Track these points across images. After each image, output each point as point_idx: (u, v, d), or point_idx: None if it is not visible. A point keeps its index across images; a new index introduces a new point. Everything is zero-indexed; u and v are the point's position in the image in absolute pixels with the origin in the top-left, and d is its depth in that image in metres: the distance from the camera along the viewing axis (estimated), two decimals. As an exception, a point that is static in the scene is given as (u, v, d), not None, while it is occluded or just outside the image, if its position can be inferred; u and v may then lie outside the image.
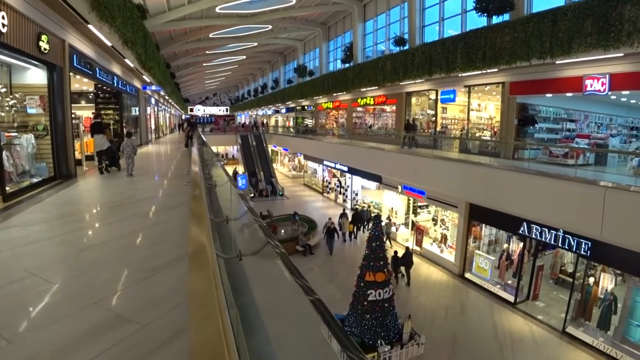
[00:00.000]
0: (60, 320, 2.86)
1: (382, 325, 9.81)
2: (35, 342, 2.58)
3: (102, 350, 2.42)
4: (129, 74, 17.26)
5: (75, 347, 2.54)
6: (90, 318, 2.87)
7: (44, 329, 2.74)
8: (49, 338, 2.63)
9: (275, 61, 47.39)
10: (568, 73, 11.78)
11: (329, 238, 17.00)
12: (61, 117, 8.92)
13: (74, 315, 2.91)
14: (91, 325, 2.78)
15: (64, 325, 2.79)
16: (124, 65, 15.27)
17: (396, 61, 19.23)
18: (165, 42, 28.51)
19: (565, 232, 10.44)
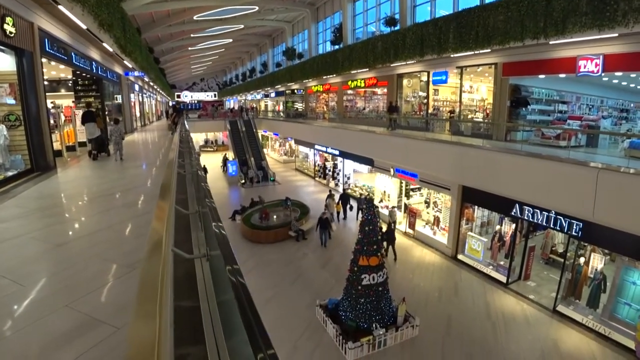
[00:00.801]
0: (28, 326, 2.65)
1: (376, 309, 9.83)
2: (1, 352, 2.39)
3: (73, 358, 2.25)
4: (109, 59, 16.59)
5: (43, 355, 2.37)
6: (60, 323, 2.67)
7: (9, 337, 2.53)
8: (16, 347, 2.44)
9: (263, 44, 46.38)
10: (562, 54, 11.60)
11: (322, 229, 16.05)
12: (35, 106, 8.43)
13: (43, 321, 2.70)
14: (61, 331, 2.59)
15: (31, 332, 2.58)
16: (102, 50, 14.63)
17: (387, 42, 18.82)
18: (147, 25, 27.55)
19: (557, 214, 10.46)
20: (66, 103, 13.07)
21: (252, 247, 16.25)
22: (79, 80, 14.67)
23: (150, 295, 1.17)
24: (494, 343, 9.64)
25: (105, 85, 16.22)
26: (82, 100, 14.32)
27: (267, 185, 27.46)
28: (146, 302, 1.15)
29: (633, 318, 9.37)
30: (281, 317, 10.85)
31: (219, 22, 32.85)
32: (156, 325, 1.00)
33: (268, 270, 14.03)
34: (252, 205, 19.78)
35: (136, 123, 24.31)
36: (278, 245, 16.31)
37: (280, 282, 13.03)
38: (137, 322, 1.07)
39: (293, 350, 9.39)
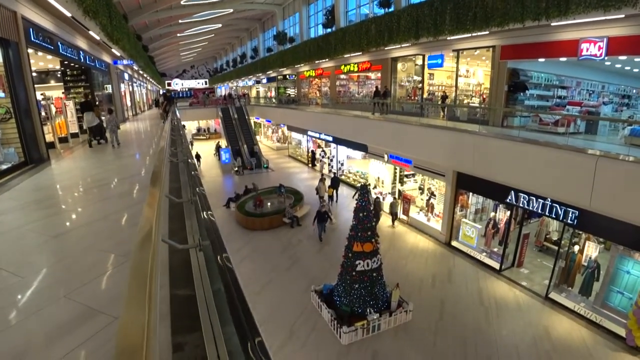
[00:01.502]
0: (28, 317, 2.67)
1: (370, 294, 9.96)
2: (1, 343, 2.39)
3: (72, 348, 2.25)
4: (96, 48, 16.16)
5: (43, 345, 2.38)
6: (59, 314, 2.69)
7: (9, 329, 2.54)
8: (16, 338, 2.45)
9: (254, 28, 45.48)
10: (563, 36, 11.31)
11: (319, 223, 15.34)
12: (24, 97, 8.25)
13: (42, 312, 2.72)
14: (61, 321, 2.60)
15: (31, 323, 2.60)
16: (89, 38, 14.22)
17: (381, 24, 18.45)
18: (133, 12, 26.75)
19: (553, 201, 10.46)
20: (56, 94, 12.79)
21: (247, 234, 16.29)
22: (68, 71, 14.34)
23: (141, 285, 1.16)
24: (486, 328, 9.81)
25: (95, 75, 15.85)
26: (72, 91, 14.08)
27: (260, 172, 27.35)
28: (136, 293, 1.14)
29: (625, 306, 9.51)
30: (277, 302, 11.02)
31: (207, 6, 32.04)
32: (145, 316, 0.99)
33: (263, 257, 14.11)
34: (246, 193, 19.75)
35: (127, 113, 23.89)
36: (273, 232, 16.37)
37: (276, 268, 13.13)
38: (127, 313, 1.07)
39: (289, 335, 9.57)
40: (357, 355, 8.86)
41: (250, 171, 27.28)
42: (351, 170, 24.64)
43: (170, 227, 3.90)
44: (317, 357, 8.84)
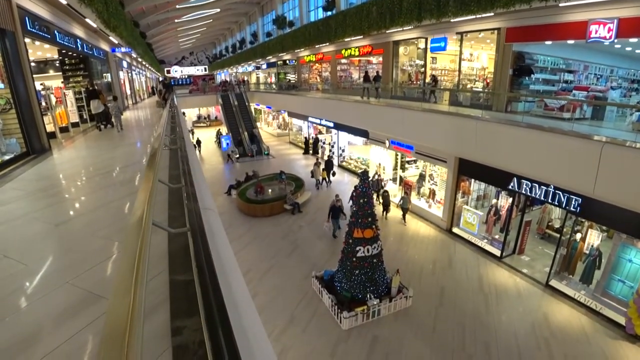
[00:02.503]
0: (32, 303, 2.73)
1: (371, 280, 10.06)
2: (8, 328, 2.44)
3: (77, 331, 2.30)
4: (93, 36, 15.96)
5: (48, 330, 2.42)
6: (63, 299, 2.74)
7: (16, 313, 2.61)
8: (23, 322, 2.51)
9: (252, 13, 44.75)
10: (571, 17, 10.89)
11: (334, 219, 14.51)
12: (23, 88, 8.18)
13: (47, 298, 2.78)
14: (65, 306, 2.65)
15: (36, 308, 2.66)
16: (86, 26, 14.03)
17: (382, 7, 18.00)
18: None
19: (556, 188, 10.38)
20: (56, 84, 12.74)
21: (248, 220, 16.40)
22: (66, 60, 14.22)
23: (129, 269, 1.19)
24: (485, 314, 9.91)
25: (93, 64, 15.71)
26: (72, 80, 14.03)
27: (261, 159, 27.33)
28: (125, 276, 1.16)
29: (626, 295, 9.52)
30: (278, 288, 11.17)
31: (205, -10, 31.56)
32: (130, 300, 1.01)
33: (264, 243, 14.24)
34: (247, 180, 19.79)
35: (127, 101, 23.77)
36: (274, 219, 16.46)
37: (277, 254, 13.25)
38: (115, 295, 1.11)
39: (290, 320, 9.73)
40: (357, 340, 8.99)
41: (250, 158, 27.27)
42: (352, 156, 24.57)
43: (170, 213, 3.93)
44: (318, 342, 8.97)
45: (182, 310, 2.09)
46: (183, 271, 2.62)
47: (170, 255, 2.93)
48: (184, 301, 2.20)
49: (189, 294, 2.22)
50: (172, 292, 2.42)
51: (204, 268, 2.25)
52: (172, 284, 2.53)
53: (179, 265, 2.74)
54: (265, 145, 28.92)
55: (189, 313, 2.02)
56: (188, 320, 1.98)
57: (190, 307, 2.06)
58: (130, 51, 22.36)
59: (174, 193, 4.48)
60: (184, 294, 2.30)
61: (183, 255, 2.83)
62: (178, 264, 2.76)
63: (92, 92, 13.15)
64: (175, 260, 2.85)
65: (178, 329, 1.93)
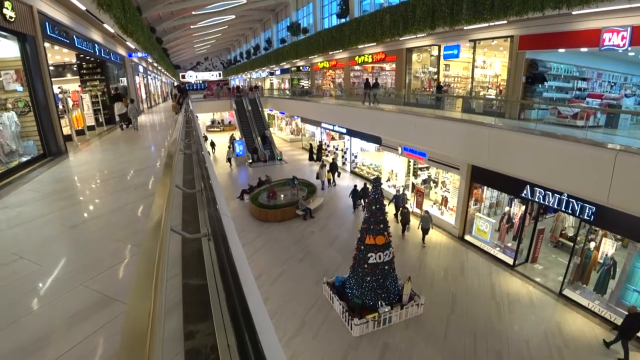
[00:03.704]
0: (46, 304, 2.76)
1: (382, 287, 10.01)
2: (22, 329, 2.47)
3: (89, 333, 2.32)
4: (111, 41, 16.34)
5: (62, 332, 2.44)
6: (77, 301, 2.76)
7: (30, 314, 2.64)
8: (36, 323, 2.53)
9: (267, 19, 45.30)
10: (585, 25, 10.87)
11: None
12: (42, 91, 8.38)
13: (60, 299, 2.81)
14: (78, 308, 2.68)
15: (50, 309, 2.69)
16: (104, 31, 14.38)
17: (396, 14, 18.10)
18: (147, 4, 26.93)
19: (570, 196, 10.25)
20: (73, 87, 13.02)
21: (260, 225, 16.45)
22: (84, 64, 14.55)
23: (148, 273, 1.20)
24: (497, 322, 9.78)
25: (110, 68, 16.06)
26: (89, 84, 14.37)
27: (274, 164, 27.46)
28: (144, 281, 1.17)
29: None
30: (290, 293, 11.17)
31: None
32: (150, 303, 1.02)
33: (276, 248, 14.26)
34: (259, 185, 19.88)
35: (142, 105, 24.18)
36: (286, 224, 16.49)
37: (289, 259, 13.26)
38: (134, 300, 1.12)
39: (301, 325, 9.72)
40: (367, 348, 8.93)
41: (263, 163, 27.41)
42: (364, 162, 24.52)
43: (184, 217, 3.96)
44: (328, 348, 8.93)
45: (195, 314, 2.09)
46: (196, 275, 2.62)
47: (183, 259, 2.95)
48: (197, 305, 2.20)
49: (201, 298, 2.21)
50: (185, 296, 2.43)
51: (217, 272, 2.25)
52: (185, 288, 2.54)
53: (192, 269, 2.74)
54: (278, 150, 29.06)
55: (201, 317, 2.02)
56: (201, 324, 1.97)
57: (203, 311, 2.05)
58: (147, 56, 22.78)
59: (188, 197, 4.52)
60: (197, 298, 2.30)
61: (196, 259, 2.84)
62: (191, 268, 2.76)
63: (116, 95, 14.60)
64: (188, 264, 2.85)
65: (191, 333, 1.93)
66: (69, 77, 14.01)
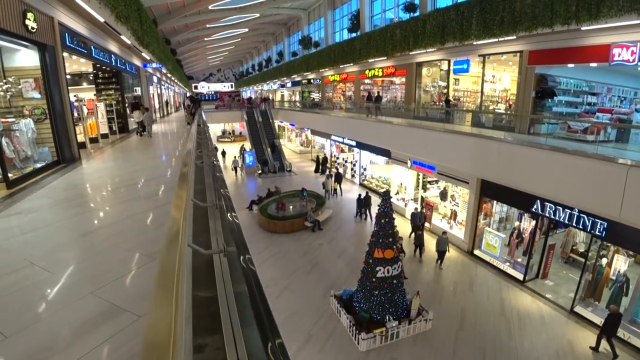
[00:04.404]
0: (56, 312, 2.77)
1: (390, 302, 9.90)
2: (30, 337, 2.49)
3: (98, 344, 2.33)
4: (127, 51, 16.76)
5: (70, 340, 2.46)
6: (86, 310, 2.77)
7: (40, 322, 2.65)
8: (45, 332, 2.54)
9: (279, 33, 46.06)
10: (594, 41, 10.92)
11: None
12: (59, 99, 8.63)
13: (70, 307, 2.81)
14: (87, 317, 2.68)
15: (59, 318, 2.70)
16: (120, 42, 14.78)
17: (406, 29, 18.35)
18: (163, 17, 27.64)
19: (580, 212, 10.11)
20: (88, 96, 13.34)
21: (268, 236, 16.45)
22: (100, 74, 14.93)
23: (167, 289, 1.19)
24: (507, 339, 9.59)
25: (125, 78, 16.44)
26: (104, 93, 14.72)
27: (283, 175, 27.58)
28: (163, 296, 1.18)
29: None
30: (296, 305, 11.08)
31: (235, 11, 32.67)
32: (172, 318, 1.02)
33: (284, 259, 14.22)
34: (268, 196, 19.94)
35: (155, 114, 24.60)
36: (294, 236, 16.46)
37: (296, 271, 13.20)
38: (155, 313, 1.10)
39: (307, 338, 9.62)
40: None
41: (273, 174, 27.54)
42: (374, 175, 24.49)
43: (193, 229, 3.95)
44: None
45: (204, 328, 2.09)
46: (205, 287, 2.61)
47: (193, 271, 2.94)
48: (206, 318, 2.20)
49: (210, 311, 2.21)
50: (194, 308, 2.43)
51: (230, 287, 2.24)
52: (194, 300, 2.53)
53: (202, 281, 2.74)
54: (287, 161, 29.20)
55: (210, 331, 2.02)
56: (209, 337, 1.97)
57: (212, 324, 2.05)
58: (161, 67, 23.29)
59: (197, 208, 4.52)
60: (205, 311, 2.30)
61: (205, 271, 2.83)
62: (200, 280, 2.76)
63: (135, 104, 15.62)
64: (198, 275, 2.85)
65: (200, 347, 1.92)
66: (84, 85, 14.39)
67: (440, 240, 13.42)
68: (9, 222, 4.91)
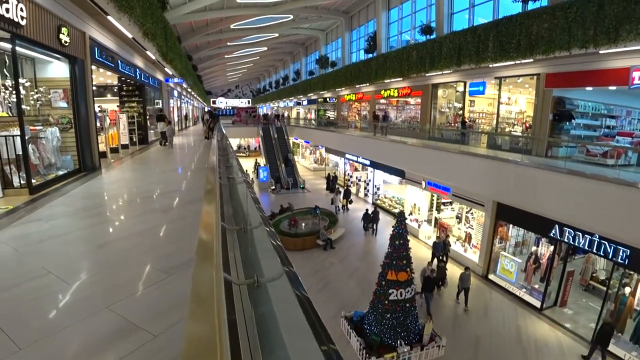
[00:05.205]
0: (71, 325, 2.72)
1: (402, 326, 9.64)
2: (45, 350, 2.46)
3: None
4: (151, 66, 17.33)
5: (84, 356, 2.42)
6: (101, 324, 2.72)
7: (55, 334, 2.61)
8: (59, 345, 2.52)
9: (297, 52, 47.06)
10: (613, 64, 10.81)
11: (428, 292, 11.90)
12: (84, 110, 8.95)
13: (86, 321, 2.77)
14: (102, 333, 2.63)
15: (74, 331, 2.65)
16: (145, 57, 15.31)
17: (422, 51, 18.56)
18: (186, 34, 28.64)
19: (601, 238, 9.79)
20: (111, 107, 13.77)
21: (280, 253, 16.34)
22: (124, 86, 15.46)
23: (208, 325, 1.14)
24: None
25: (147, 91, 16.97)
26: (126, 105, 15.21)
27: (297, 192, 27.64)
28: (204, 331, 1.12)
29: None
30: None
31: (255, 30, 33.68)
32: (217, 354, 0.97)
33: (295, 277, 14.04)
34: (281, 212, 19.97)
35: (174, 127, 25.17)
36: (306, 253, 16.36)
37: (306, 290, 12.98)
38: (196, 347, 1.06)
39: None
40: (383, 386, 8.54)
41: (286, 190, 27.63)
42: (387, 195, 24.36)
43: (224, 255, 3.72)
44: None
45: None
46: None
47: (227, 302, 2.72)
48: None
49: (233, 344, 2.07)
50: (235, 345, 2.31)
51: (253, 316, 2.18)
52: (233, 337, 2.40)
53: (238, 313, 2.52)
54: (301, 178, 29.32)
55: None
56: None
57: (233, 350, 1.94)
58: (182, 82, 23.93)
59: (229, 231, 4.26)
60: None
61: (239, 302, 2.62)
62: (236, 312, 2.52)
63: (160, 116, 16.65)
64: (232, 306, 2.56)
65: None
66: (108, 97, 14.88)
67: (464, 277, 12.35)
68: (29, 229, 4.99)
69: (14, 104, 7.30)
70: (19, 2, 5.80)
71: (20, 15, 5.86)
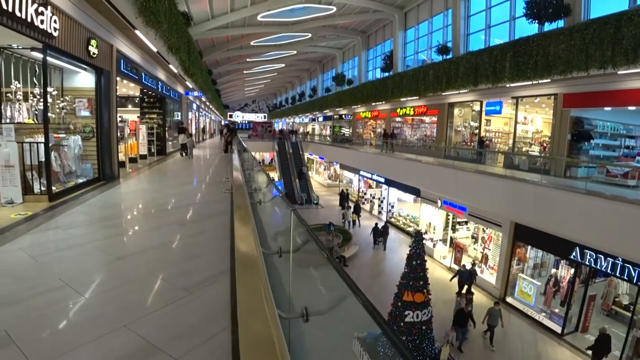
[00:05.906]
0: (86, 343, 2.57)
1: (418, 349, 9.34)
2: None
3: None
4: (172, 79, 17.83)
5: None
6: (119, 344, 2.57)
7: (70, 352, 2.47)
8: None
9: (314, 69, 47.80)
10: (632, 84, 10.71)
11: (461, 327, 10.92)
12: (107, 120, 9.18)
13: (102, 339, 2.61)
14: (120, 353, 2.49)
15: (90, 350, 2.51)
16: (168, 71, 15.76)
17: (439, 70, 18.64)
18: (207, 49, 29.42)
19: (625, 261, 9.44)
20: (132, 118, 14.11)
21: (292, 269, 16.21)
22: (145, 98, 15.87)
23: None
24: (545, 398, 8.78)
25: (168, 103, 17.43)
26: (147, 116, 15.60)
27: (310, 208, 27.54)
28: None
29: None
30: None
31: (274, 47, 34.45)
32: None
33: (307, 295, 13.85)
34: (294, 228, 19.86)
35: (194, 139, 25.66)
36: (318, 271, 16.13)
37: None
38: None
39: (326, 381, 9.10)
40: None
41: (300, 206, 27.54)
42: (401, 213, 24.10)
43: None
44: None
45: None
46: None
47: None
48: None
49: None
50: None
51: None
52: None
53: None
54: (314, 194, 29.27)
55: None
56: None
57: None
58: (201, 95, 24.47)
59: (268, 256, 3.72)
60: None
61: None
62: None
63: (182, 129, 17.88)
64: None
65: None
66: (129, 107, 15.28)
67: (493, 312, 11.17)
68: (47, 237, 4.94)
69: (40, 112, 7.54)
70: (53, 14, 6.07)
71: (54, 27, 6.12)
